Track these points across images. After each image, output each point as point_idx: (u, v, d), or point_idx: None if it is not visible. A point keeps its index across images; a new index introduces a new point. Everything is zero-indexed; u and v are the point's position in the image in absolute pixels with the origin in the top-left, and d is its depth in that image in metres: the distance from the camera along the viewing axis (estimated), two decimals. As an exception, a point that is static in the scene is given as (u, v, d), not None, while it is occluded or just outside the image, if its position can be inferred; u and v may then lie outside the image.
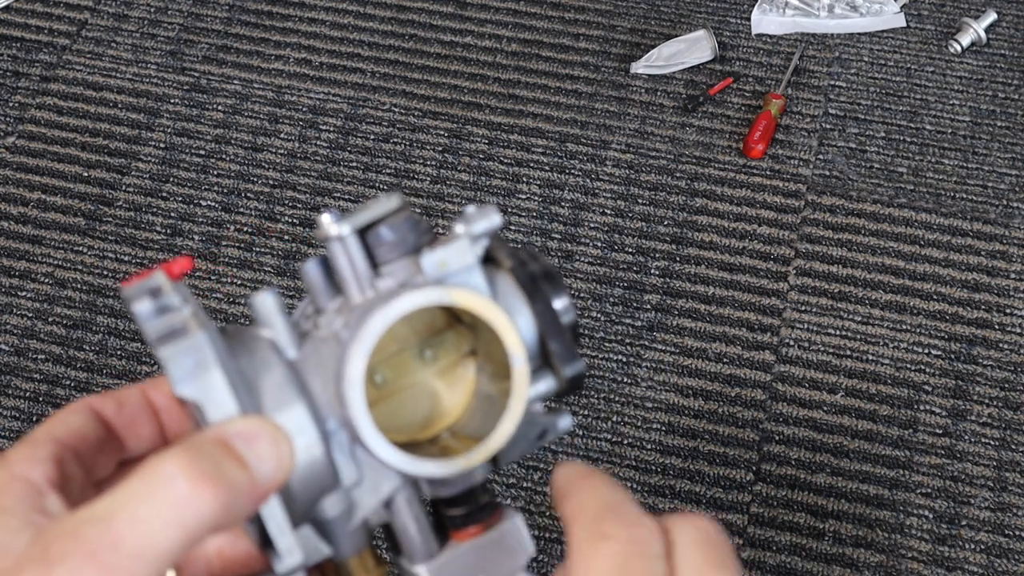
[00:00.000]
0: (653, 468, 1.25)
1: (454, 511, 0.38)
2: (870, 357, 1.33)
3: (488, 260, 0.38)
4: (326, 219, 0.37)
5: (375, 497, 0.37)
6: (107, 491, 0.30)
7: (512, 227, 1.43)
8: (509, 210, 1.45)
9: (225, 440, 0.32)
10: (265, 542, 0.35)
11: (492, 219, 0.37)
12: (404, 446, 0.36)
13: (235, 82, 1.58)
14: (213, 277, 1.40)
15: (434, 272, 0.36)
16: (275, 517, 0.34)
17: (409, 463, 0.36)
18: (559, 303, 0.38)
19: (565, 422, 0.39)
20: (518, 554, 0.38)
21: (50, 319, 1.37)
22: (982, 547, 1.20)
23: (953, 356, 1.33)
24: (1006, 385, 1.31)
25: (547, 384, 0.38)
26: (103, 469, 0.38)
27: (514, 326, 0.36)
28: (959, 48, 1.61)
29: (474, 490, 0.38)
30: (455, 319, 0.40)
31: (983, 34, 1.60)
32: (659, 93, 1.57)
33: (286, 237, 1.43)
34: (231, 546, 0.39)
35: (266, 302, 0.36)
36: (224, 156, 1.51)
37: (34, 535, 0.31)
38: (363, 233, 0.37)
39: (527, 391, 0.36)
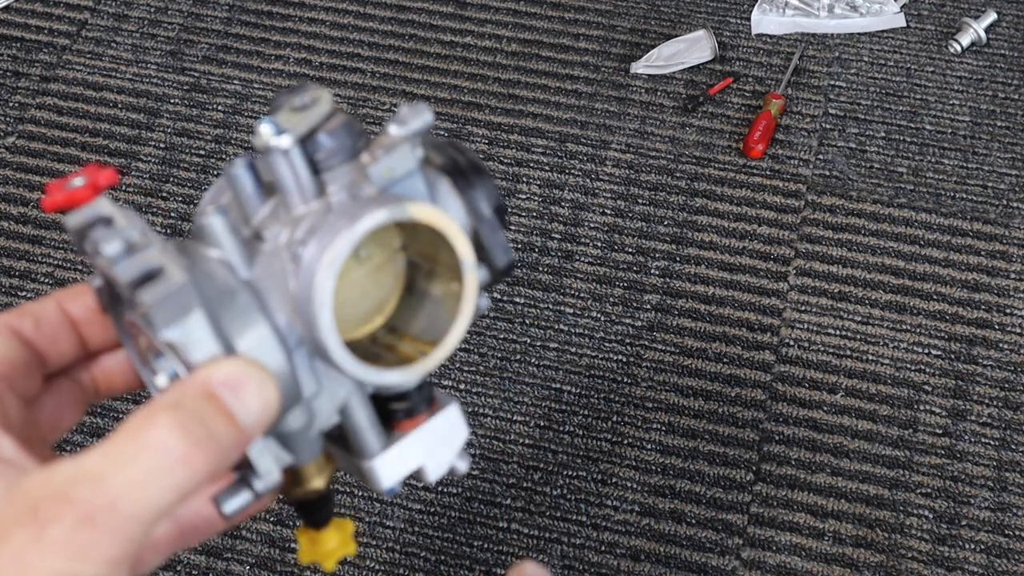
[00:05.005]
0: (653, 468, 1.25)
1: (399, 405, 0.40)
2: (870, 357, 1.33)
3: None
4: (266, 130, 0.36)
5: (332, 404, 0.38)
6: (93, 448, 0.30)
7: (512, 227, 1.43)
8: (509, 210, 1.45)
9: (212, 392, 0.32)
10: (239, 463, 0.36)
11: (424, 117, 0.37)
12: (357, 352, 0.37)
13: (235, 82, 1.58)
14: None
15: (381, 181, 0.36)
16: (256, 443, 0.35)
17: (375, 374, 0.36)
18: (488, 194, 0.39)
19: (483, 301, 0.41)
20: (456, 437, 0.41)
21: (50, 319, 1.37)
22: (982, 547, 1.20)
23: (953, 356, 1.33)
24: (1006, 385, 1.31)
25: (481, 275, 0.39)
26: (31, 388, 0.37)
27: (464, 234, 0.37)
28: (959, 48, 1.61)
29: (420, 385, 0.40)
30: None
31: (983, 34, 1.60)
32: (659, 93, 1.57)
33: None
34: (183, 506, 0.39)
35: (216, 224, 0.36)
36: (224, 156, 1.51)
37: (4, 488, 0.31)
38: (302, 141, 0.37)
39: (478, 294, 0.38)
